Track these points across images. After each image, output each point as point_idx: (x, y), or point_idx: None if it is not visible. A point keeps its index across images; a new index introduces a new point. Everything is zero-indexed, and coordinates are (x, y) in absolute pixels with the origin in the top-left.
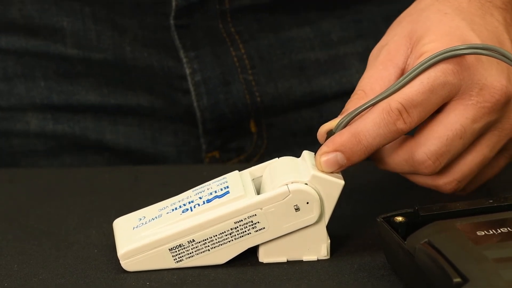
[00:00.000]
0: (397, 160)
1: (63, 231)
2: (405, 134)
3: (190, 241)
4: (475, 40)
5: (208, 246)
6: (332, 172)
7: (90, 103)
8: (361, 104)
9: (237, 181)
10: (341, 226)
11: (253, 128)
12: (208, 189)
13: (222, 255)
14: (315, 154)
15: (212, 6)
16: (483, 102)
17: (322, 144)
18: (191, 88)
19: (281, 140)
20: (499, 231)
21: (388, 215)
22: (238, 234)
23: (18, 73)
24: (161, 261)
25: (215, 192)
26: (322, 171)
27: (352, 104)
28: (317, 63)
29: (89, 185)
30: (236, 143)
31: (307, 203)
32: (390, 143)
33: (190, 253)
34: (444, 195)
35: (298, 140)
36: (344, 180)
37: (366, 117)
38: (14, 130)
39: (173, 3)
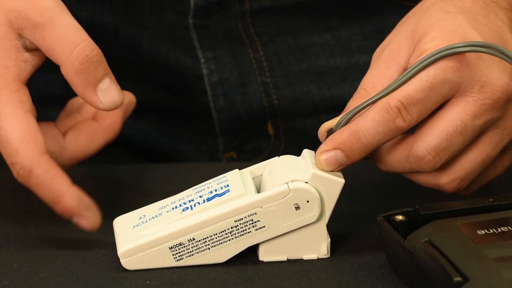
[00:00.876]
0: (397, 157)
1: (63, 229)
2: (405, 133)
3: (190, 239)
4: (477, 38)
5: (208, 244)
6: (332, 171)
7: None
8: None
9: (237, 179)
10: (341, 225)
11: (270, 130)
12: (208, 187)
13: (222, 253)
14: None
15: (232, 6)
16: (484, 99)
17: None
18: (208, 89)
19: (300, 144)
20: (500, 230)
21: (388, 214)
22: (238, 233)
23: None
24: (161, 259)
25: (215, 190)
26: (322, 170)
27: (354, 103)
28: (337, 69)
29: (89, 183)
30: (253, 144)
31: (308, 201)
32: (390, 142)
33: (190, 251)
34: (444, 194)
35: (317, 145)
36: (344, 178)
37: (366, 115)
38: None
39: (192, 2)
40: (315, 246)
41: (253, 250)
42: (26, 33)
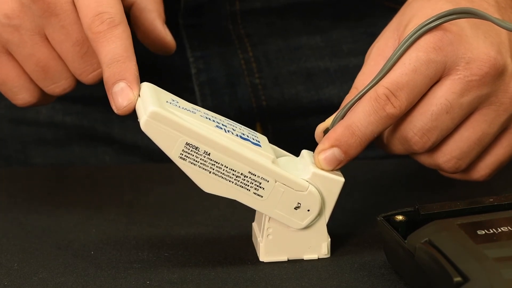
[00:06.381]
0: (391, 140)
1: (63, 229)
2: None
3: (206, 151)
4: None
5: (213, 169)
6: (332, 170)
7: (101, 95)
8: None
9: (267, 144)
10: (342, 225)
11: (259, 131)
12: (240, 128)
13: (212, 184)
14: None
15: (222, 7)
16: (470, 75)
17: None
18: (196, 88)
19: (289, 145)
20: (500, 230)
21: (388, 214)
22: (241, 182)
23: None
24: (171, 144)
25: (248, 136)
26: (322, 169)
27: (346, 102)
28: (326, 72)
29: (89, 184)
30: None
31: (308, 210)
32: None
33: (196, 161)
34: (444, 195)
35: (307, 147)
36: (344, 178)
37: (356, 108)
38: (25, 118)
39: (182, 2)
40: (316, 246)
41: (253, 250)
42: None
